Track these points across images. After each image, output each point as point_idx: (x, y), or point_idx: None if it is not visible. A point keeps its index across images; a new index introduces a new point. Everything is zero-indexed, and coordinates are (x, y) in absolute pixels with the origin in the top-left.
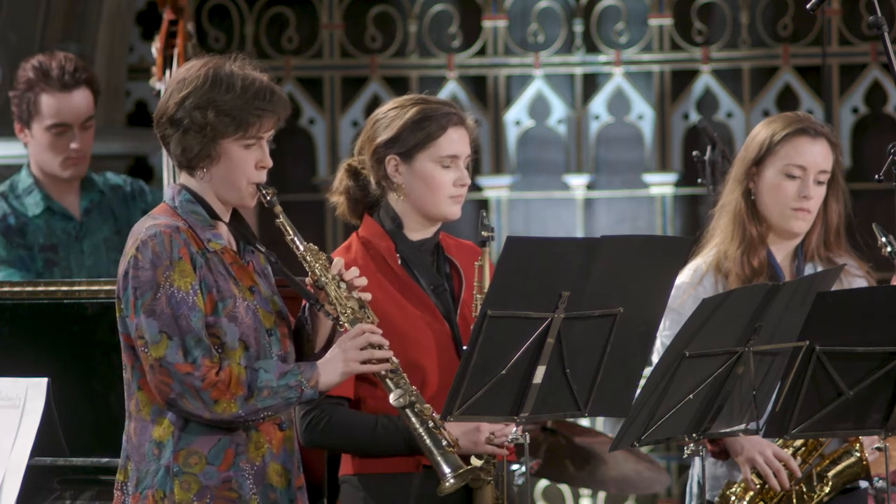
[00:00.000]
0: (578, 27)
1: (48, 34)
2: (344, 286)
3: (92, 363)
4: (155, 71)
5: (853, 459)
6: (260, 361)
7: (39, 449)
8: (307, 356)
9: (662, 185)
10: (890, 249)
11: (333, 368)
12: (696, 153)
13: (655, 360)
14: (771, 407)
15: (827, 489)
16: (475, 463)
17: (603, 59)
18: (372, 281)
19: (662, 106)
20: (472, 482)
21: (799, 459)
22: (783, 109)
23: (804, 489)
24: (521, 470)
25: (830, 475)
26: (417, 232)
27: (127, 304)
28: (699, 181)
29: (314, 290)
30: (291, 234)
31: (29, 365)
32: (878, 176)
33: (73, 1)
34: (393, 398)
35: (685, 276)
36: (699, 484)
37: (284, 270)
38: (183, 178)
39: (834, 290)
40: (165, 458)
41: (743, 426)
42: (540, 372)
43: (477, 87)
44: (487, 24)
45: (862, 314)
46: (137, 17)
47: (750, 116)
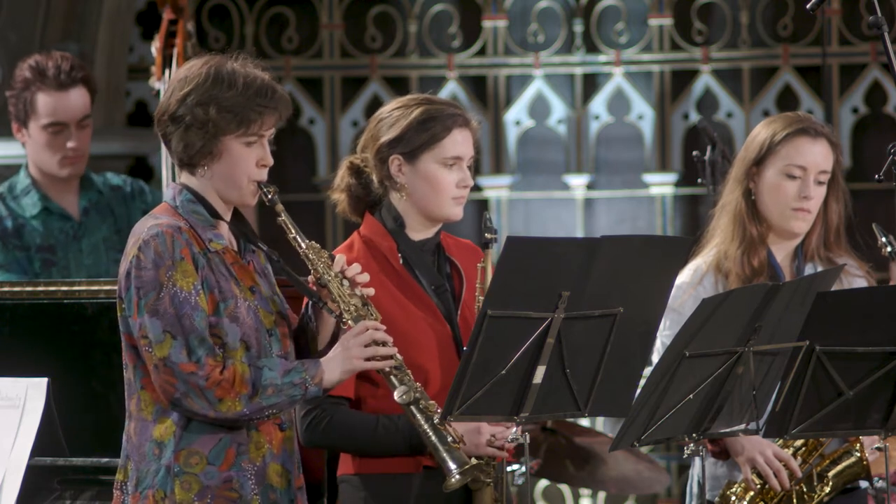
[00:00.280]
0: (578, 27)
1: (48, 34)
2: (346, 283)
3: (92, 363)
4: (154, 71)
5: (853, 459)
6: (264, 359)
7: (39, 449)
8: (312, 354)
9: (662, 185)
10: (890, 249)
11: (337, 365)
12: (696, 153)
13: (655, 360)
14: (771, 407)
15: (827, 489)
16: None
17: (603, 59)
18: (374, 280)
19: (662, 106)
20: (471, 483)
21: (799, 459)
22: (783, 109)
23: (804, 489)
24: (521, 470)
25: (831, 475)
26: (419, 232)
27: (130, 303)
28: (699, 181)
29: (317, 288)
30: (293, 232)
31: (29, 365)
32: (878, 176)
33: (73, 1)
34: (397, 395)
35: (685, 275)
36: (699, 484)
37: (287, 269)
38: (184, 177)
39: (834, 290)
40: (166, 457)
41: (743, 426)
42: (540, 372)
43: (477, 87)
44: (487, 24)
45: (862, 314)
46: (137, 17)
47: (750, 116)
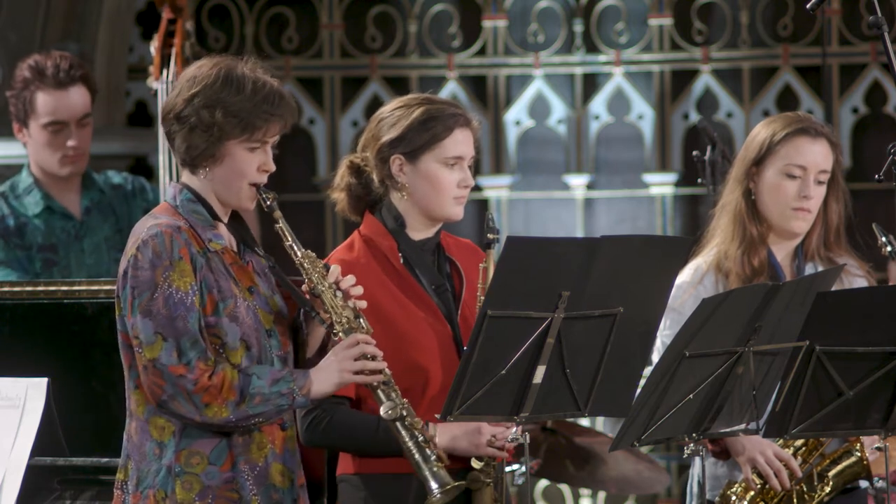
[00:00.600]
0: (578, 27)
1: (48, 34)
2: (340, 294)
3: (92, 363)
4: (153, 70)
5: (854, 459)
6: (254, 367)
7: (39, 449)
8: (300, 361)
9: (662, 185)
10: (890, 249)
11: (326, 377)
12: (696, 153)
13: (655, 359)
14: (771, 407)
15: (827, 489)
16: (475, 464)
17: (603, 59)
18: (374, 280)
19: (662, 106)
20: (471, 483)
21: (799, 459)
22: (783, 109)
23: (805, 489)
24: (521, 470)
25: (831, 475)
26: (419, 231)
27: (125, 303)
28: (699, 181)
29: (310, 297)
30: (290, 239)
31: (29, 365)
32: (878, 176)
33: (73, 1)
34: (383, 410)
35: (686, 275)
36: (699, 484)
37: (281, 275)
38: (185, 176)
39: (834, 290)
40: (167, 458)
41: (743, 426)
42: (540, 372)
43: (477, 87)
44: (487, 24)
45: (862, 314)
46: (137, 16)
47: (750, 116)
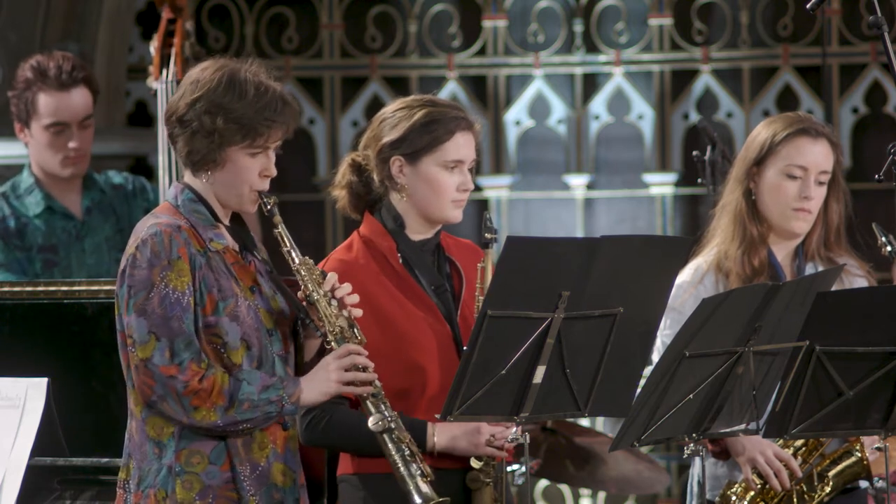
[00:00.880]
0: (578, 27)
1: (48, 34)
2: (335, 303)
3: (92, 363)
4: (152, 70)
5: (854, 459)
6: (245, 372)
7: (39, 449)
8: (299, 364)
9: (662, 185)
10: (890, 249)
11: (316, 386)
12: (696, 153)
13: (655, 359)
14: (771, 407)
15: (828, 489)
16: (474, 464)
17: (603, 59)
18: (373, 280)
19: (662, 106)
20: (471, 483)
21: (800, 459)
22: (783, 109)
23: (805, 489)
24: (521, 470)
25: (831, 475)
26: (419, 232)
27: (121, 301)
28: (699, 181)
29: (306, 304)
30: (288, 245)
31: (29, 365)
32: (878, 176)
33: (73, 1)
34: (371, 422)
35: (686, 275)
36: (699, 484)
37: (278, 280)
38: (187, 176)
39: (834, 290)
40: (167, 457)
41: (743, 426)
42: (540, 372)
43: (477, 87)
44: (487, 24)
45: (862, 314)
46: (137, 16)
47: (750, 116)
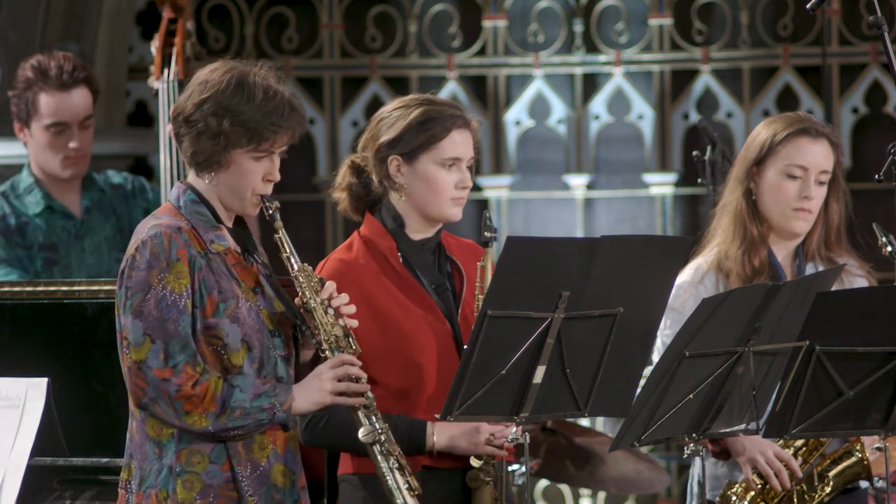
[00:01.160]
0: (578, 27)
1: (48, 34)
2: (332, 312)
3: (92, 363)
4: (153, 70)
5: (854, 459)
6: (238, 378)
7: (39, 449)
8: (296, 367)
9: (662, 185)
10: (890, 249)
11: (308, 395)
12: (696, 153)
13: (656, 360)
14: (771, 407)
15: (828, 489)
16: (474, 463)
17: (603, 59)
18: (373, 280)
19: (662, 106)
20: (471, 482)
21: (800, 459)
22: (783, 109)
23: (805, 489)
24: (521, 470)
25: (831, 475)
26: (419, 232)
27: (119, 302)
28: (699, 181)
29: (302, 311)
30: (288, 251)
31: (29, 365)
32: (878, 176)
33: (73, 1)
34: (361, 433)
35: (686, 275)
36: (700, 484)
37: (277, 286)
38: (191, 176)
39: (834, 290)
40: (168, 457)
41: (743, 426)
42: (540, 372)
43: (477, 87)
44: (487, 24)
45: (862, 314)
46: (137, 16)
47: (750, 116)
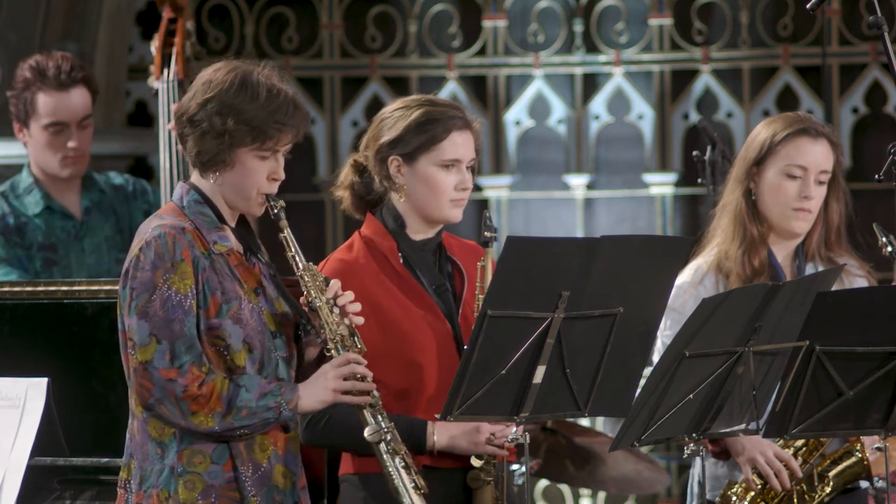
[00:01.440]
0: (578, 27)
1: (48, 34)
2: (337, 311)
3: (92, 363)
4: (153, 70)
5: (854, 459)
6: (244, 377)
7: (39, 449)
8: (300, 367)
9: (662, 185)
10: (890, 250)
11: (314, 394)
12: (696, 153)
13: (656, 360)
14: (771, 407)
15: (828, 489)
16: (475, 463)
17: (603, 59)
18: (373, 280)
19: (662, 106)
20: (471, 482)
21: (800, 459)
22: (783, 109)
23: (805, 489)
24: (521, 470)
25: (831, 475)
26: (420, 232)
27: (124, 302)
28: (699, 181)
29: (308, 310)
30: (293, 251)
31: (29, 365)
32: (878, 176)
33: (73, 1)
34: (367, 432)
35: (686, 275)
36: (700, 484)
37: (281, 285)
38: (194, 176)
39: (834, 290)
40: (170, 458)
41: (743, 426)
42: (540, 372)
43: (477, 87)
44: (487, 24)
45: (862, 314)
46: (137, 16)
47: (750, 116)
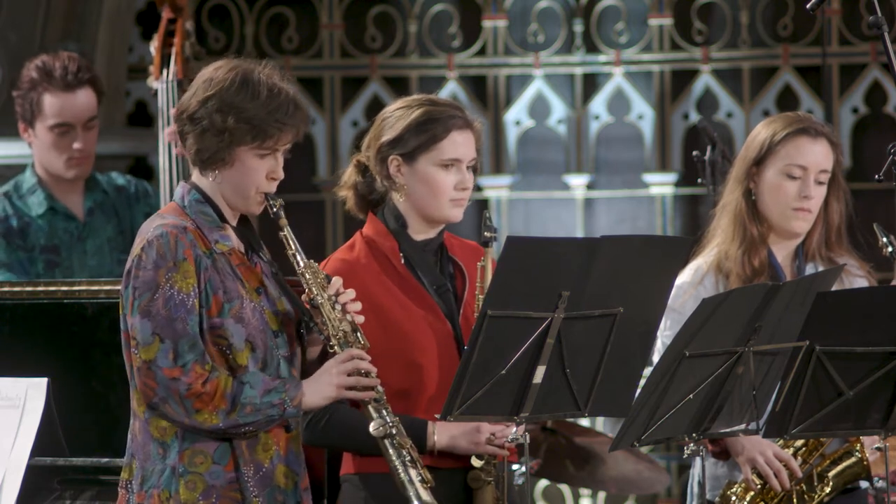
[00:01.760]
0: (578, 27)
1: (48, 34)
2: (339, 307)
3: (92, 363)
4: (152, 70)
5: (854, 460)
6: (248, 374)
7: (39, 449)
8: (302, 365)
9: (662, 185)
10: (891, 250)
11: (318, 390)
12: (696, 153)
13: (656, 360)
14: (771, 407)
15: (828, 489)
16: (475, 463)
17: (603, 59)
18: (374, 280)
19: (662, 106)
20: (472, 482)
21: (800, 460)
22: (783, 109)
23: (805, 489)
24: (521, 470)
25: (831, 475)
26: (421, 232)
27: (126, 302)
28: (699, 181)
29: (310, 307)
30: (293, 249)
31: (29, 365)
32: (878, 176)
33: (73, 1)
34: (372, 427)
35: (686, 275)
36: (700, 484)
37: (283, 283)
38: (195, 175)
39: (834, 289)
40: (171, 458)
41: (743, 426)
42: (540, 372)
43: (477, 87)
44: (487, 24)
45: (862, 314)
46: (137, 16)
47: (750, 116)
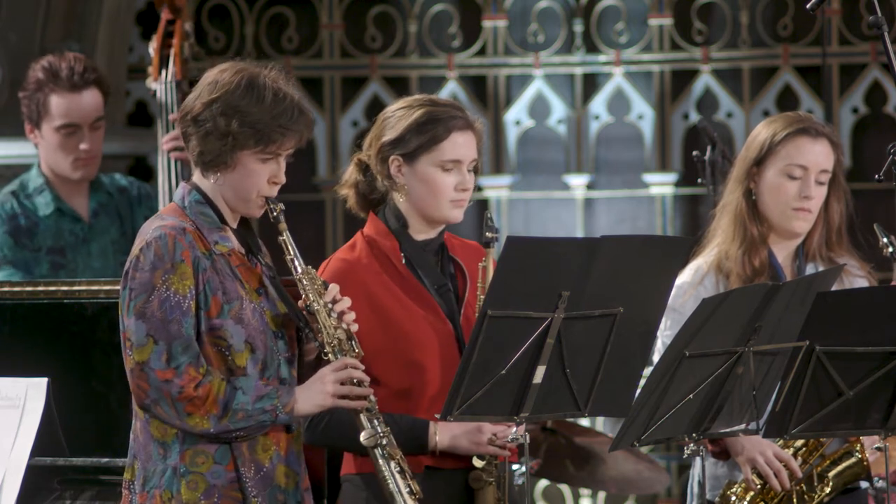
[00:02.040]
0: (578, 27)
1: (48, 34)
2: (335, 315)
3: (92, 363)
4: (151, 71)
5: (854, 460)
6: (241, 379)
7: (39, 449)
8: (300, 368)
9: (662, 185)
10: (891, 250)
11: (310, 398)
12: (696, 153)
13: (656, 360)
14: (771, 407)
15: (827, 489)
16: (476, 463)
17: (603, 59)
18: (375, 280)
19: (662, 106)
20: (473, 482)
21: (800, 460)
22: (783, 109)
23: (805, 489)
24: (521, 470)
25: (831, 475)
26: (421, 232)
27: (122, 303)
28: (699, 181)
29: (306, 313)
30: (292, 254)
31: (29, 365)
32: (878, 176)
33: (73, 1)
34: (363, 437)
35: (686, 275)
36: (700, 484)
37: (280, 288)
38: (196, 176)
39: (834, 290)
40: (172, 458)
41: (743, 426)
42: (540, 372)
43: (477, 87)
44: (487, 24)
45: (862, 314)
46: (137, 16)
47: (750, 116)
